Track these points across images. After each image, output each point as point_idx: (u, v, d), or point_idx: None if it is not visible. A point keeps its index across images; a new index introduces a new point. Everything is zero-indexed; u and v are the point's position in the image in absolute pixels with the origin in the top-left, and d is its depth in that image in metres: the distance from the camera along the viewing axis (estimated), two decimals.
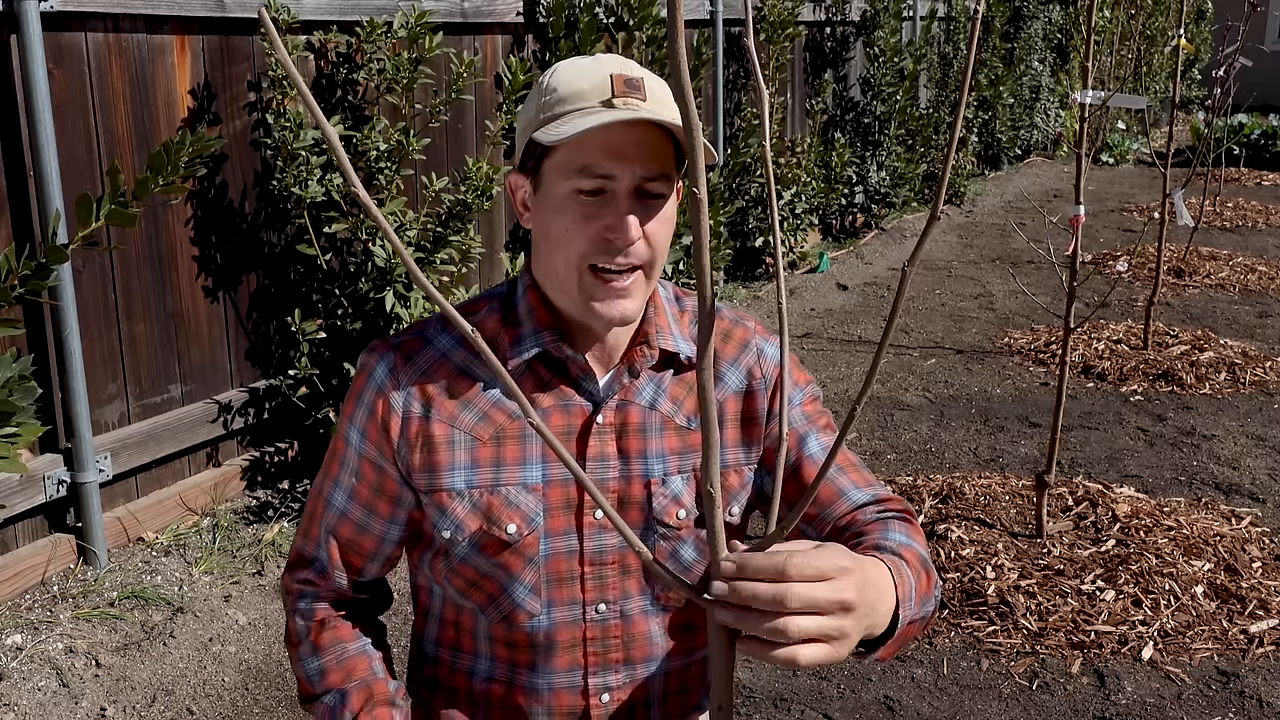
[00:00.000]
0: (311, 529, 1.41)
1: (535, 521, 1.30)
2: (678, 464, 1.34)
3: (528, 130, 1.27)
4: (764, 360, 1.40)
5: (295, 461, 3.87)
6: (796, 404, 1.40)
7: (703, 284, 0.77)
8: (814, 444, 1.38)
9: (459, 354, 1.33)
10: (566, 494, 1.31)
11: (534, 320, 1.31)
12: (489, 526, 1.29)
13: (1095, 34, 6.75)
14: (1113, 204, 9.79)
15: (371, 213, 0.64)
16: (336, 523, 1.38)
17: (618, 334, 1.33)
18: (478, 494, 1.29)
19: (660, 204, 1.25)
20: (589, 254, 1.23)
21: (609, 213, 1.22)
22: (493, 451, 1.30)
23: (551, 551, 1.31)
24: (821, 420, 1.41)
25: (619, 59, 1.27)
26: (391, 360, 1.32)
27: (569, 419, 1.31)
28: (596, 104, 1.22)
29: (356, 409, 1.34)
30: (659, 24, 5.01)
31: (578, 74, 1.25)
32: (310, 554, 1.41)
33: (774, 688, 2.83)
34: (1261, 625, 2.99)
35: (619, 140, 1.21)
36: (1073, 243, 3.37)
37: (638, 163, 1.22)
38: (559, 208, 1.24)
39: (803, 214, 6.81)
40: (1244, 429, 4.49)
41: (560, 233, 1.24)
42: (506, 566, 1.30)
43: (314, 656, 1.37)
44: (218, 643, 3.00)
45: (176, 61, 3.41)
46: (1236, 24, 6.15)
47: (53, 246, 1.28)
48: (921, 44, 8.47)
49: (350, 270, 3.83)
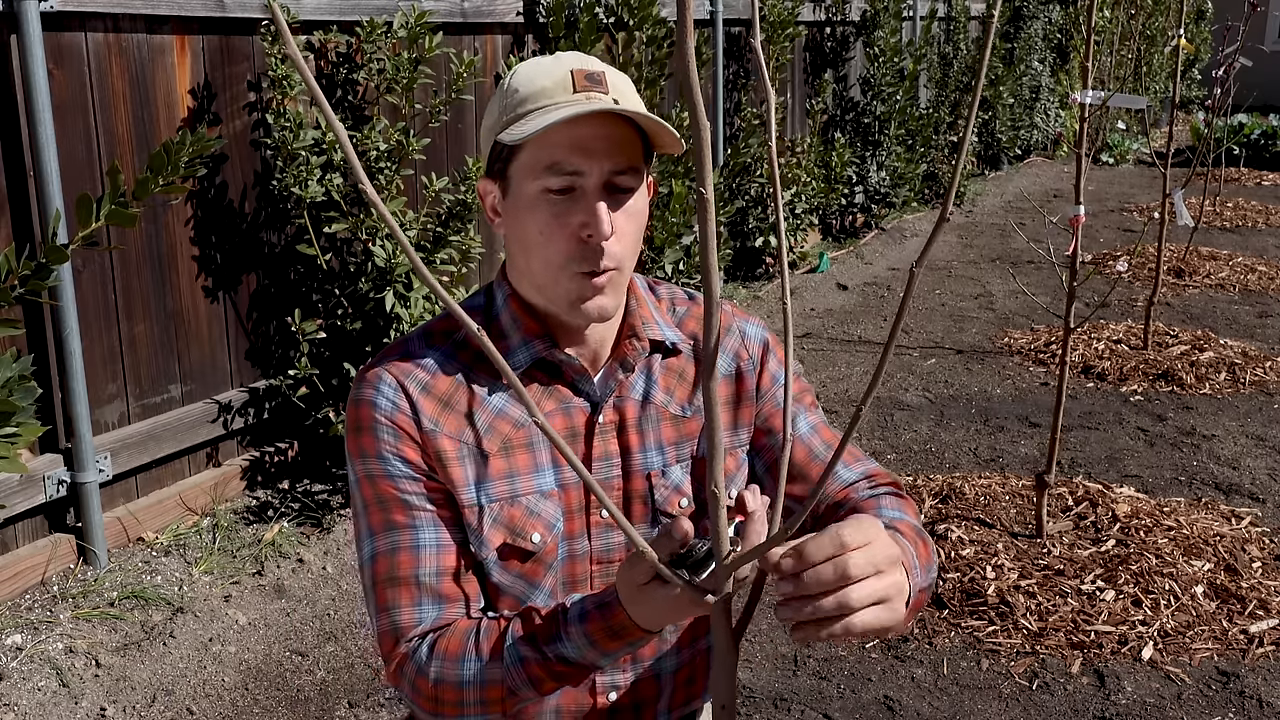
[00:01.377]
0: (400, 595, 1.24)
1: (556, 527, 1.29)
2: (675, 453, 1.35)
3: (491, 133, 1.26)
4: (748, 341, 1.41)
5: (295, 461, 3.87)
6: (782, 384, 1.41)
7: (709, 285, 0.77)
8: (802, 424, 1.40)
9: (452, 367, 1.30)
10: (578, 496, 1.31)
11: (521, 330, 1.30)
12: (513, 539, 1.26)
13: (1095, 34, 6.75)
14: (1113, 204, 9.79)
15: (379, 210, 0.63)
16: (437, 558, 1.25)
17: (603, 331, 1.32)
18: (498, 507, 1.26)
19: (629, 197, 1.24)
20: (571, 260, 1.22)
21: (580, 210, 1.21)
22: (504, 463, 1.28)
23: (567, 554, 1.30)
24: (807, 399, 1.43)
25: (580, 55, 1.26)
26: (391, 381, 1.27)
27: (571, 421, 1.31)
28: (559, 99, 1.21)
29: (379, 440, 1.25)
30: (659, 24, 5.01)
31: (539, 72, 1.24)
32: (410, 619, 1.23)
33: (774, 688, 2.82)
34: (1261, 625, 2.99)
35: (585, 135, 1.20)
36: (1073, 243, 3.37)
37: (605, 157, 1.21)
38: (530, 209, 1.23)
39: (803, 214, 6.81)
40: (1244, 429, 4.49)
41: (535, 236, 1.23)
42: (528, 577, 1.28)
43: (463, 663, 1.19)
44: (218, 643, 3.00)
45: (176, 61, 3.40)
46: (1236, 24, 6.15)
47: (53, 246, 1.28)
48: (921, 44, 8.47)
49: (350, 270, 3.83)
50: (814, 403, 1.44)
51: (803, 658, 2.95)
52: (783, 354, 1.42)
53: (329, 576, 3.36)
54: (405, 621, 1.23)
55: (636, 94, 1.27)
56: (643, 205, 1.27)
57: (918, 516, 1.34)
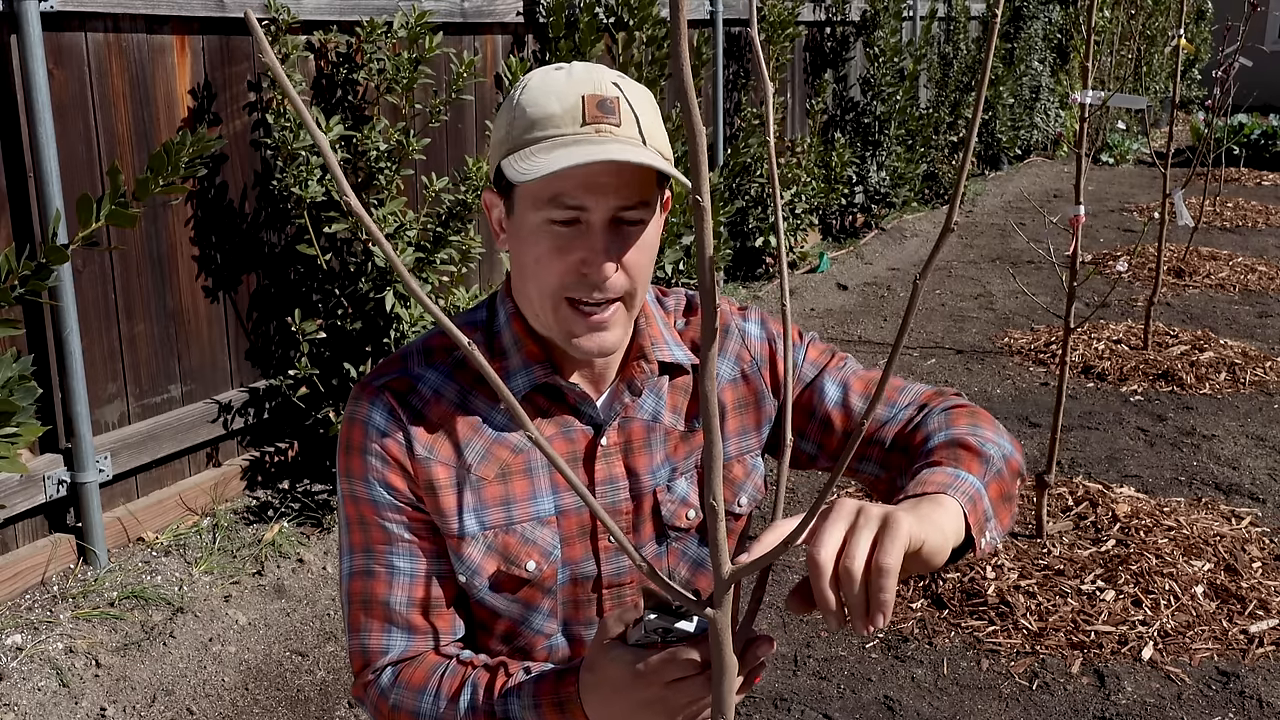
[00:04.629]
0: (372, 619, 1.26)
1: (553, 555, 1.26)
2: (682, 467, 1.32)
3: (499, 150, 1.20)
4: (749, 340, 1.37)
5: (295, 461, 3.87)
6: (801, 359, 1.38)
7: (705, 294, 0.76)
8: (831, 389, 1.36)
9: (451, 388, 1.26)
10: (580, 521, 1.28)
11: (522, 353, 1.26)
12: (507, 567, 1.25)
13: (1095, 34, 6.75)
14: (1113, 204, 9.79)
15: (365, 223, 0.63)
16: (409, 589, 1.25)
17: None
18: (492, 535, 1.24)
19: (639, 230, 1.18)
20: (564, 287, 1.18)
21: (583, 245, 1.16)
22: (501, 490, 1.25)
23: (569, 579, 1.28)
24: (832, 361, 1.39)
25: (592, 71, 1.18)
26: (386, 403, 1.24)
27: (572, 446, 1.28)
28: (567, 131, 1.14)
29: (367, 466, 1.24)
30: (659, 24, 5.00)
31: (549, 93, 1.16)
32: (378, 645, 1.26)
33: (774, 688, 2.82)
34: (1261, 625, 2.99)
35: (595, 171, 1.14)
36: (1073, 243, 3.37)
37: (613, 194, 1.15)
38: (531, 238, 1.18)
39: (803, 214, 6.81)
40: (1244, 429, 4.49)
41: (532, 264, 1.19)
42: (525, 601, 1.27)
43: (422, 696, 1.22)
44: (218, 643, 3.00)
45: (176, 61, 3.40)
46: (1236, 24, 6.15)
47: (53, 246, 1.28)
48: (921, 44, 8.47)
49: (350, 270, 3.83)
50: (837, 360, 1.39)
51: (803, 658, 2.95)
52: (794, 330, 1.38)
53: (329, 576, 3.36)
54: (374, 647, 1.26)
55: (653, 111, 1.21)
56: (654, 235, 1.22)
57: (972, 419, 1.28)
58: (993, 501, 1.15)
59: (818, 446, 1.37)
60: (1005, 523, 1.18)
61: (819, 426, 1.36)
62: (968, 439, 1.23)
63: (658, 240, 1.24)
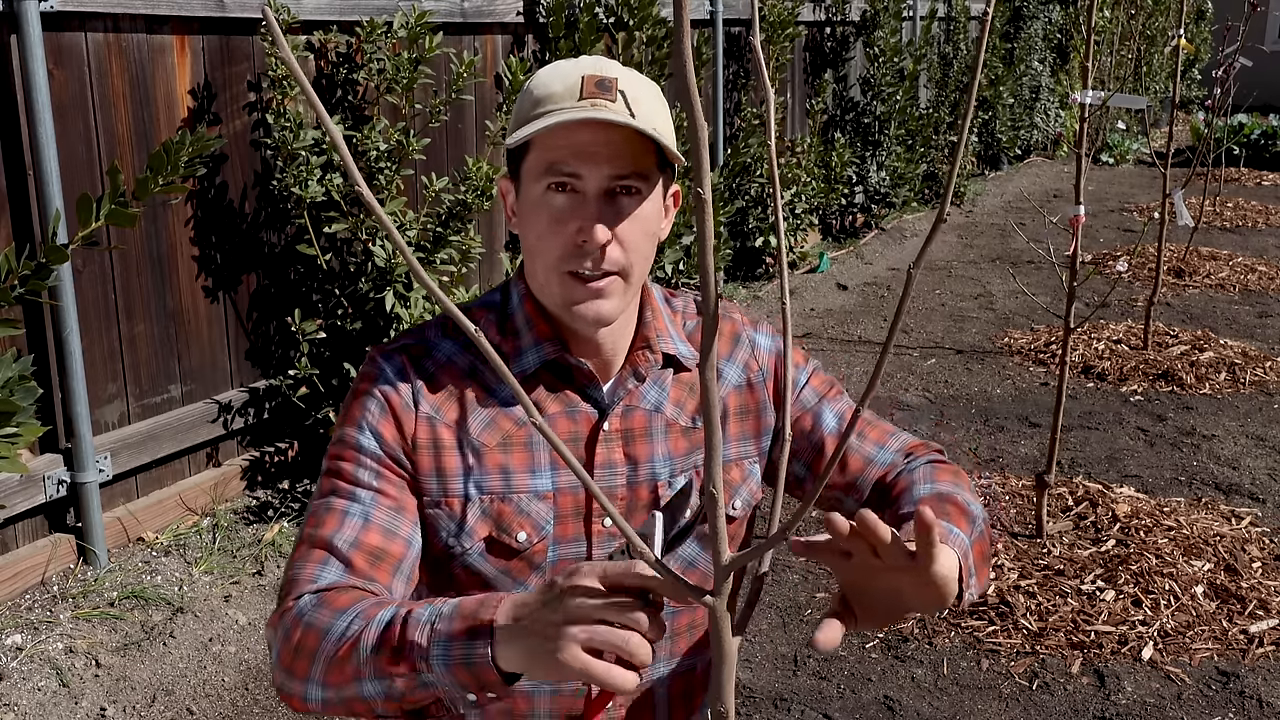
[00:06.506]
0: (313, 550, 1.21)
1: (545, 530, 1.29)
2: (683, 464, 1.34)
3: (509, 133, 1.28)
4: (759, 352, 1.42)
5: (295, 461, 3.87)
6: (803, 385, 1.42)
7: (707, 288, 0.77)
8: (830, 418, 1.41)
9: (463, 359, 1.31)
10: (576, 501, 1.30)
11: (533, 332, 1.30)
12: (499, 534, 1.27)
13: (1095, 34, 6.75)
14: (1113, 204, 9.79)
15: (376, 213, 0.63)
16: (359, 530, 1.22)
17: (616, 339, 1.32)
18: (488, 500, 1.27)
19: (634, 203, 1.23)
20: (563, 259, 1.23)
21: (579, 215, 1.22)
22: (501, 458, 1.28)
23: (559, 558, 1.30)
24: (832, 391, 1.44)
25: (599, 60, 1.25)
26: (399, 362, 1.29)
27: (575, 426, 1.31)
28: (565, 105, 1.21)
29: (364, 410, 1.27)
30: (659, 24, 5.01)
31: (554, 76, 1.24)
32: (309, 574, 1.19)
33: (774, 688, 2.82)
34: (1261, 625, 2.99)
35: (584, 140, 1.20)
36: (1073, 243, 3.37)
37: (606, 163, 1.21)
38: (534, 213, 1.24)
39: (803, 214, 6.81)
40: (1244, 429, 4.49)
41: (535, 241, 1.25)
42: (513, 573, 1.29)
43: (340, 615, 1.11)
44: (218, 643, 3.00)
45: (176, 61, 3.40)
46: (1236, 24, 6.15)
47: (53, 246, 1.28)
48: (921, 44, 8.47)
49: (350, 270, 3.83)
50: (838, 390, 1.45)
51: (803, 658, 2.95)
52: (800, 356, 1.43)
53: None
54: (305, 576, 1.19)
55: (658, 100, 1.26)
56: (652, 212, 1.26)
57: (955, 478, 1.34)
58: (975, 560, 1.20)
59: (807, 469, 1.42)
60: (982, 582, 1.22)
61: (813, 450, 1.41)
62: (955, 496, 1.28)
63: (658, 221, 1.28)
